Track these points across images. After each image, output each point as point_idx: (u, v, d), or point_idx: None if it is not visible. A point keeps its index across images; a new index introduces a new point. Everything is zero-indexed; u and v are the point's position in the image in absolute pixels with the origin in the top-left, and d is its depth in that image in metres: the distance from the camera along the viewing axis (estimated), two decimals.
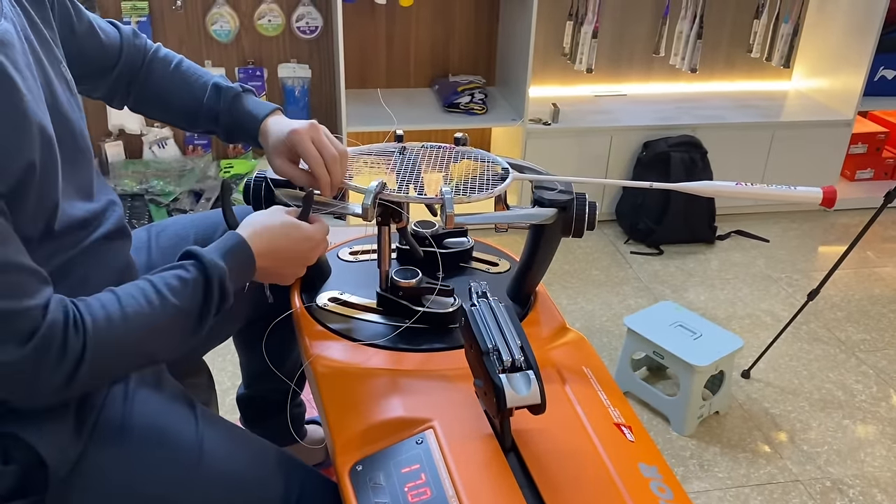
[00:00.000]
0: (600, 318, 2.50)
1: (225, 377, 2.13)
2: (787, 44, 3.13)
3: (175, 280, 0.88)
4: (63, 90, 0.94)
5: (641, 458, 0.89)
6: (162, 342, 0.88)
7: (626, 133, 2.98)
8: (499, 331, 0.89)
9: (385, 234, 1.14)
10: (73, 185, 0.92)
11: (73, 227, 0.90)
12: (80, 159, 0.94)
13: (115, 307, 0.83)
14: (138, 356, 0.87)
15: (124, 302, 0.84)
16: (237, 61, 2.95)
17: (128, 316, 0.83)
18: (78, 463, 0.87)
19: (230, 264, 0.92)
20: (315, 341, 1.09)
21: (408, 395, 0.98)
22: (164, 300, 0.86)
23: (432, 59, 3.12)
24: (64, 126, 0.91)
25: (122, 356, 0.85)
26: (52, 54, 0.94)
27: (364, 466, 0.90)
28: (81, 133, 0.96)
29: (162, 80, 1.16)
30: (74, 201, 0.91)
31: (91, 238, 0.92)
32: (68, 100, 0.94)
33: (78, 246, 0.90)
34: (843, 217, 3.27)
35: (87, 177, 0.96)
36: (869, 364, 2.32)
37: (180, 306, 0.87)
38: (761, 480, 1.87)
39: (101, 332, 0.81)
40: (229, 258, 0.92)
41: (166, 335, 0.88)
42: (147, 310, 0.85)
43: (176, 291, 0.87)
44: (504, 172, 1.16)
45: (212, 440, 0.94)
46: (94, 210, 0.94)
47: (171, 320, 0.87)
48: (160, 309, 0.86)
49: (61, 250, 0.88)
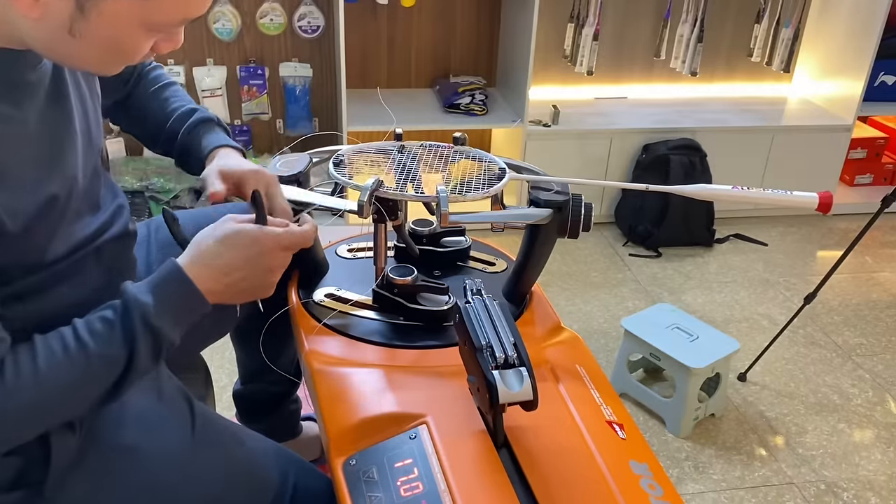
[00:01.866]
0: (598, 319, 2.51)
1: (222, 374, 2.14)
2: (788, 48, 3.14)
3: (99, 323, 0.80)
4: (94, 108, 0.93)
5: (632, 456, 0.90)
6: (85, 394, 0.80)
7: (625, 136, 2.99)
8: (492, 328, 0.90)
9: (381, 231, 1.15)
10: (86, 204, 0.91)
11: (80, 241, 0.89)
12: (95, 178, 0.93)
13: (28, 366, 0.76)
14: (57, 414, 0.80)
15: (40, 358, 0.77)
16: (239, 60, 2.96)
17: (40, 374, 0.76)
18: (75, 456, 0.87)
19: (160, 297, 0.82)
20: (311, 336, 1.09)
21: (402, 391, 0.98)
22: (83, 348, 0.78)
23: (433, 59, 3.13)
24: (89, 150, 0.90)
25: (35, 419, 0.78)
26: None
27: (357, 460, 0.90)
28: (99, 150, 0.95)
29: (142, 97, 1.16)
30: (84, 218, 0.90)
31: (96, 243, 0.91)
32: (96, 116, 0.94)
33: (82, 251, 0.89)
34: (842, 222, 3.28)
35: (96, 190, 0.95)
36: (865, 368, 2.33)
37: (102, 353, 0.79)
38: (756, 483, 1.88)
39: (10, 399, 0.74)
40: (159, 290, 0.82)
41: (89, 386, 0.80)
42: (64, 362, 0.77)
43: (98, 336, 0.79)
44: (501, 172, 1.17)
45: (207, 435, 0.95)
46: (102, 220, 0.94)
47: (92, 370, 0.79)
48: (80, 359, 0.78)
49: (63, 259, 0.87)
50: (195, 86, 2.93)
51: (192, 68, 2.92)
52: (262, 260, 0.88)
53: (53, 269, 0.85)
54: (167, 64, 2.90)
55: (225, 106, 2.97)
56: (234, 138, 3.22)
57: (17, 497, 0.86)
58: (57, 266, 0.86)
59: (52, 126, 0.83)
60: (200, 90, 2.93)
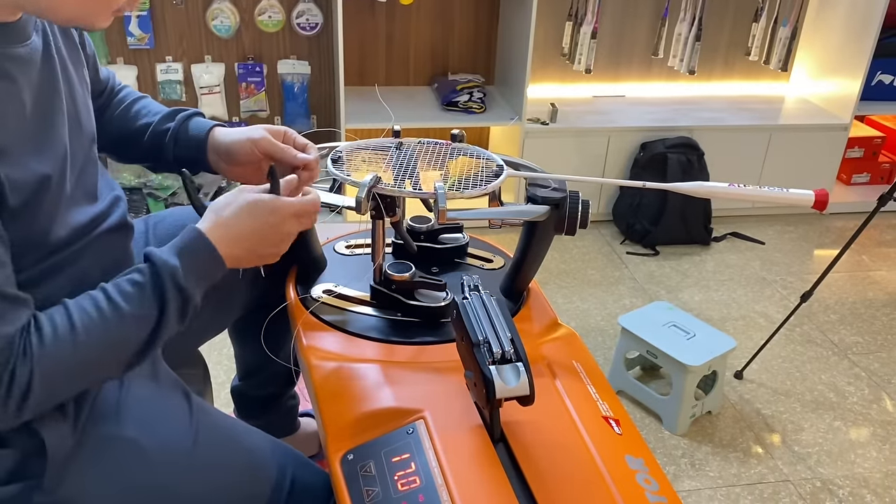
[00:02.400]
0: (595, 317, 2.51)
1: (220, 371, 2.15)
2: (785, 47, 3.15)
3: (129, 285, 0.85)
4: (83, 94, 0.95)
5: (628, 451, 0.90)
6: (119, 353, 0.84)
7: (623, 134, 3.00)
8: (489, 323, 0.91)
9: (379, 227, 1.15)
10: (81, 191, 0.92)
11: (78, 229, 0.90)
12: (89, 166, 0.95)
13: (64, 326, 0.80)
14: (95, 372, 0.84)
15: (75, 318, 0.81)
16: (237, 57, 2.96)
17: (78, 333, 0.80)
18: (74, 449, 0.88)
19: (186, 260, 0.87)
20: (308, 332, 1.10)
21: (399, 386, 0.99)
22: (116, 309, 0.83)
23: (432, 57, 3.14)
24: (79, 134, 0.92)
25: (75, 377, 0.82)
26: (77, 56, 0.95)
27: (355, 455, 0.91)
28: (92, 138, 0.97)
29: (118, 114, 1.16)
30: (81, 207, 0.92)
31: (94, 234, 0.93)
32: (85, 104, 0.95)
33: (80, 242, 0.91)
34: (839, 221, 3.29)
35: (92, 180, 0.96)
36: (861, 366, 2.34)
37: (135, 313, 0.83)
38: (752, 480, 1.88)
39: (49, 358, 0.78)
40: (185, 254, 0.88)
41: (122, 346, 0.84)
42: (99, 322, 0.81)
43: (129, 297, 0.84)
44: (499, 169, 1.17)
45: (205, 428, 0.95)
46: (100, 210, 0.95)
47: (126, 329, 0.83)
48: (113, 319, 0.82)
49: (64, 248, 0.88)
50: (193, 83, 2.94)
51: (191, 65, 2.92)
52: (278, 227, 0.95)
53: (54, 257, 0.87)
54: (165, 60, 2.90)
55: (223, 103, 2.98)
56: None
57: (16, 489, 0.86)
58: (58, 255, 0.87)
59: (44, 104, 0.85)
60: (198, 87, 2.93)
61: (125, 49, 2.86)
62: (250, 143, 1.05)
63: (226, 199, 0.94)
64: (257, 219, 0.93)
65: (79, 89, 0.93)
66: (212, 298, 1.19)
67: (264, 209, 0.93)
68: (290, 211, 0.95)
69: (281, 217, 0.94)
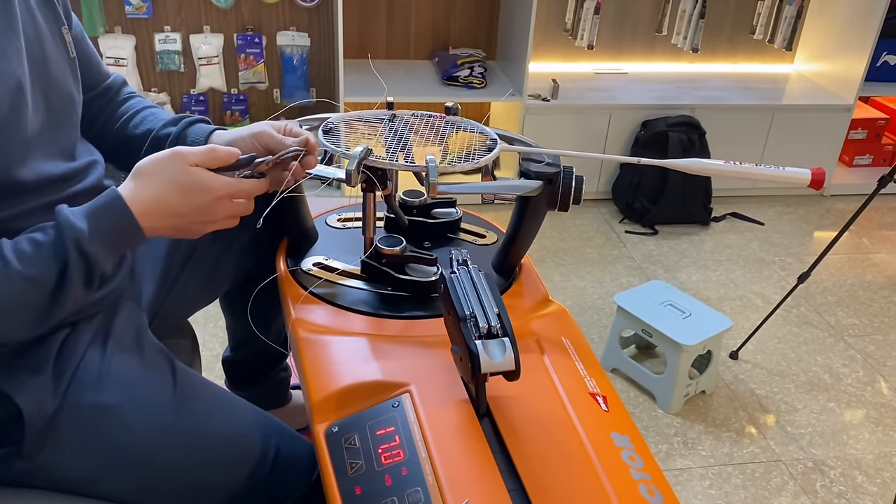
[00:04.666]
0: (591, 295, 2.51)
1: (216, 343, 2.15)
2: (791, 26, 3.11)
3: (27, 244, 0.79)
4: (57, 51, 0.93)
5: (614, 428, 0.90)
6: (13, 313, 0.79)
7: (625, 111, 2.97)
8: (477, 298, 0.90)
9: (370, 201, 1.14)
10: (54, 145, 0.92)
11: (49, 181, 0.89)
12: (65, 123, 0.94)
13: None
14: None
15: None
16: (236, 28, 2.93)
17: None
18: (54, 416, 0.88)
19: (95, 224, 0.81)
20: (297, 305, 1.09)
21: (386, 360, 0.98)
22: (6, 266, 0.77)
23: (433, 31, 3.10)
24: (50, 86, 0.90)
25: None
26: (51, 12, 0.94)
27: (340, 428, 0.90)
28: (70, 97, 0.95)
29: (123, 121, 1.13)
30: (55, 161, 0.91)
31: (68, 192, 0.92)
32: (59, 62, 0.93)
33: (51, 198, 0.89)
34: (840, 202, 3.27)
35: (69, 139, 0.95)
36: (857, 349, 2.33)
37: (26, 274, 0.77)
38: (744, 459, 1.89)
39: None
40: (95, 217, 0.82)
41: (14, 307, 0.78)
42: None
43: (24, 257, 0.78)
44: (492, 143, 1.16)
45: (188, 398, 0.95)
46: (75, 168, 0.94)
47: (14, 290, 0.77)
48: (2, 278, 0.76)
49: (31, 200, 0.87)
50: (192, 53, 2.91)
51: (189, 36, 2.89)
52: (207, 208, 0.88)
53: (24, 205, 0.85)
54: (163, 30, 2.87)
55: (222, 74, 2.95)
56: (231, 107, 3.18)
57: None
58: (28, 202, 0.86)
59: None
60: (197, 58, 2.90)
61: (123, 18, 2.83)
62: (251, 138, 1.01)
63: (155, 164, 0.86)
64: (187, 195, 0.86)
65: (50, 42, 0.91)
66: (200, 270, 1.19)
67: (198, 186, 0.86)
68: (224, 192, 0.88)
69: (214, 196, 0.87)
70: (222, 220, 0.91)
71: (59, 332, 0.92)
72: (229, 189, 0.88)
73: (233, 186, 0.89)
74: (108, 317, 0.98)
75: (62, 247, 0.79)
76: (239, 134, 1.04)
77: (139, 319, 1.03)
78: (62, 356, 0.90)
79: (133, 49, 2.86)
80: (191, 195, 0.86)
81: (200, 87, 2.95)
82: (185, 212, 0.87)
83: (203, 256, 1.19)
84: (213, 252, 1.20)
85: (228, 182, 0.89)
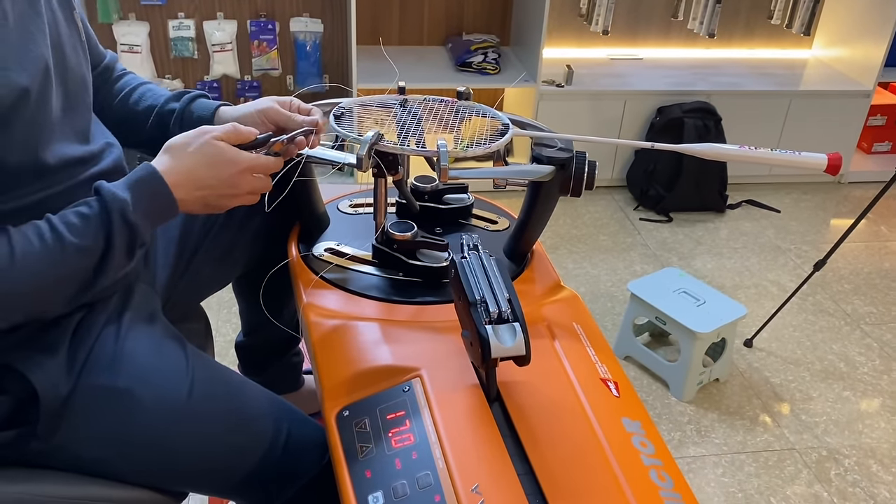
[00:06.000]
0: (605, 283, 2.50)
1: (229, 329, 2.16)
2: (809, 11, 3.07)
3: (75, 217, 0.83)
4: (70, 34, 0.94)
5: (625, 413, 0.90)
6: (60, 284, 0.83)
7: (640, 98, 2.95)
8: (487, 283, 0.89)
9: (382, 186, 1.14)
10: (71, 129, 0.93)
11: (69, 164, 0.90)
12: (79, 105, 0.95)
13: (4, 250, 0.78)
14: (32, 300, 0.82)
15: (15, 243, 0.79)
16: (249, 14, 2.93)
17: (16, 261, 0.78)
18: (69, 398, 0.88)
19: (136, 195, 0.85)
20: (309, 290, 1.09)
21: (397, 345, 0.98)
22: (59, 239, 0.81)
23: (446, 16, 3.09)
24: (66, 69, 0.91)
25: (13, 304, 0.81)
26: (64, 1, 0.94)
27: (350, 411, 0.91)
28: (83, 81, 0.96)
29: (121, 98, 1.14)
30: (72, 143, 0.92)
31: (85, 174, 0.93)
32: (74, 45, 0.94)
33: (72, 180, 0.91)
34: (857, 190, 3.23)
35: (84, 122, 0.97)
36: (874, 337, 2.31)
37: (79, 245, 0.82)
38: (757, 448, 1.88)
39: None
40: (136, 189, 0.86)
41: (64, 276, 0.83)
42: (40, 251, 0.80)
43: (74, 229, 0.82)
44: (504, 128, 1.15)
45: (202, 380, 0.95)
46: (91, 151, 0.95)
47: (68, 261, 0.82)
48: (55, 248, 0.81)
49: (56, 184, 0.89)
50: (205, 40, 2.91)
51: (203, 22, 2.90)
52: (233, 180, 0.92)
53: (48, 188, 0.87)
54: (177, 17, 2.88)
55: (235, 61, 2.95)
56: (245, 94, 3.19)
57: (12, 435, 0.88)
58: (51, 186, 0.87)
59: (24, 18, 0.84)
60: (210, 45, 2.91)
61: (137, 5, 2.84)
62: (258, 114, 1.03)
63: (184, 139, 0.91)
64: (216, 169, 0.91)
65: (64, 27, 0.93)
66: (213, 254, 1.20)
67: (223, 158, 0.91)
68: (247, 165, 0.92)
69: (238, 169, 0.92)
70: (244, 196, 0.94)
71: (74, 313, 0.93)
72: (251, 163, 0.93)
73: (254, 161, 0.93)
74: (122, 300, 0.99)
75: (108, 217, 0.84)
76: (246, 110, 1.06)
77: (153, 303, 1.04)
78: (77, 338, 0.91)
79: (147, 36, 2.87)
80: (218, 167, 0.91)
81: (214, 73, 2.96)
82: (213, 184, 0.91)
83: (216, 241, 1.19)
84: (225, 237, 1.20)
85: (250, 156, 0.93)
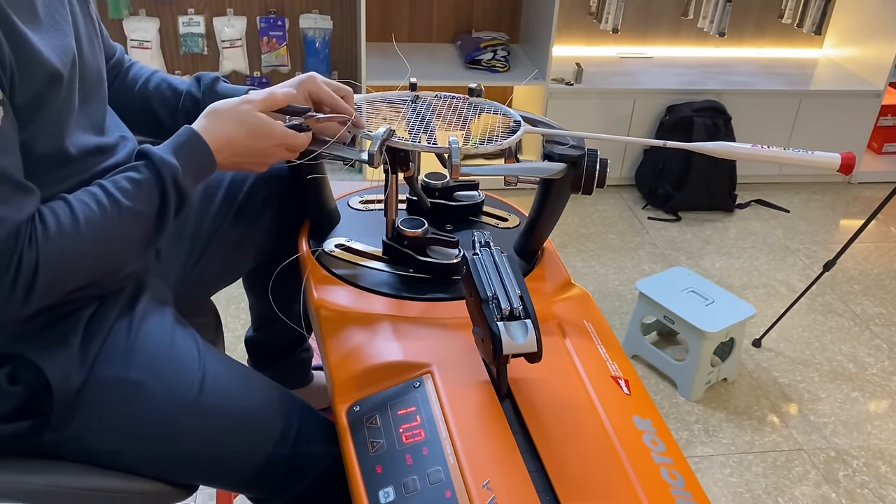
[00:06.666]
0: (613, 281, 2.49)
1: (238, 325, 2.17)
2: (820, 10, 3.05)
3: (127, 182, 0.86)
4: (87, 28, 0.95)
5: (636, 412, 0.89)
6: (119, 247, 0.87)
7: (649, 96, 2.94)
8: (499, 280, 0.89)
9: (393, 183, 1.14)
10: (88, 120, 0.94)
11: (88, 154, 0.92)
12: (95, 97, 0.96)
13: (67, 218, 0.82)
14: (96, 264, 0.86)
15: (77, 211, 0.82)
16: (259, 10, 2.93)
17: (80, 225, 0.82)
18: (81, 390, 0.89)
19: (184, 159, 0.90)
20: (319, 286, 1.10)
21: (408, 341, 0.98)
22: (116, 204, 0.85)
23: (455, 13, 3.09)
24: (84, 60, 0.92)
25: (79, 266, 0.84)
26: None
27: (361, 407, 0.91)
28: (100, 73, 0.97)
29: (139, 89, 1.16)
30: (88, 135, 0.93)
31: (102, 166, 0.94)
32: (90, 38, 0.95)
33: (91, 170, 0.92)
34: (868, 190, 3.22)
35: (100, 114, 0.98)
36: (883, 338, 2.30)
37: (134, 209, 0.86)
38: (765, 448, 1.88)
39: (55, 247, 0.80)
40: (182, 154, 0.90)
41: (123, 240, 0.87)
42: (100, 216, 0.83)
43: (128, 194, 0.86)
44: (516, 125, 1.15)
45: (213, 373, 0.96)
46: (107, 143, 0.96)
47: (126, 224, 0.86)
48: (114, 213, 0.84)
49: (76, 174, 0.89)
50: (215, 36, 2.92)
51: (212, 18, 2.90)
52: (267, 150, 0.97)
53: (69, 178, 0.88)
54: (187, 13, 2.88)
55: (244, 57, 2.96)
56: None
57: (26, 426, 0.88)
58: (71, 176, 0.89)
59: (52, 9, 0.86)
60: (220, 41, 2.91)
61: (147, 1, 2.85)
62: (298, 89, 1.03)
63: (227, 105, 0.95)
64: (253, 139, 0.95)
65: (82, 20, 0.93)
66: (223, 249, 1.20)
67: (262, 129, 0.95)
68: (282, 139, 0.97)
69: (274, 142, 0.97)
70: (269, 163, 1.00)
71: (87, 306, 0.93)
72: (285, 138, 0.97)
73: (288, 136, 0.98)
74: (134, 293, 0.99)
75: (161, 182, 0.88)
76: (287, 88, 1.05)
77: (165, 296, 1.04)
78: (90, 330, 0.92)
79: (157, 32, 2.88)
80: (256, 137, 0.95)
81: (223, 69, 2.96)
82: (249, 153, 0.96)
83: (227, 235, 1.19)
84: (236, 231, 1.20)
85: (285, 131, 0.98)
